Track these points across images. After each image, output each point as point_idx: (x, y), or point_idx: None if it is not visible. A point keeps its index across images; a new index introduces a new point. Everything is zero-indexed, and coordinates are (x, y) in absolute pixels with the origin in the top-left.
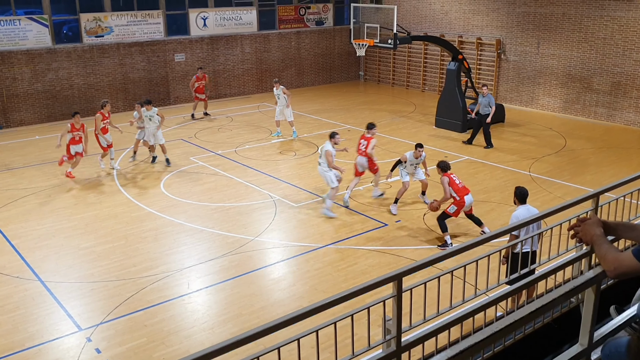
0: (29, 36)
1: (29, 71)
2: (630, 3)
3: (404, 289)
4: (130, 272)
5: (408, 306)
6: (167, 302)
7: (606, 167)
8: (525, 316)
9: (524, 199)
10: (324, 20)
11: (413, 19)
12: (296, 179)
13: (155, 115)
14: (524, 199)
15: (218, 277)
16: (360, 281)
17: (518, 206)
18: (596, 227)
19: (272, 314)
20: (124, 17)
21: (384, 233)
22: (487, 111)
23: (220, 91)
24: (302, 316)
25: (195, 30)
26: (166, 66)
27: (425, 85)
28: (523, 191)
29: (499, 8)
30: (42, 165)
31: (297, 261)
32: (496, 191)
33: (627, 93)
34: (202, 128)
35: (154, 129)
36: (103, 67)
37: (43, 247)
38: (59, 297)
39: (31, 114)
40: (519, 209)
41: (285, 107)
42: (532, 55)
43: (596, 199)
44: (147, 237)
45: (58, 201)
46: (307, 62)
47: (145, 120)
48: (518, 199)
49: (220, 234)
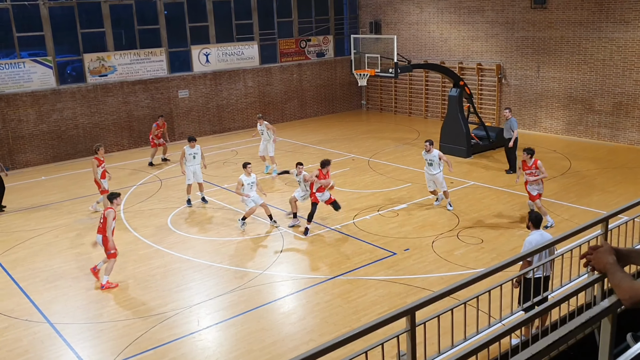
0: (34, 78)
1: (34, 112)
2: (628, 24)
3: (418, 323)
4: (139, 310)
5: (421, 336)
6: (177, 340)
7: (613, 188)
8: (542, 350)
9: (539, 224)
10: (325, 51)
11: (413, 47)
12: (302, 211)
13: (200, 152)
14: (539, 224)
15: (228, 313)
16: (371, 312)
17: (532, 231)
18: (608, 254)
19: (283, 348)
20: (127, 55)
21: (393, 262)
22: (509, 135)
23: (225, 125)
24: (315, 356)
25: (198, 66)
26: (170, 103)
27: (428, 112)
28: (538, 216)
29: (498, 34)
30: (49, 205)
31: (307, 294)
32: (504, 216)
33: (629, 113)
34: (207, 163)
35: (197, 167)
36: (107, 105)
37: (51, 288)
38: (68, 339)
39: (37, 155)
40: (532, 234)
41: (270, 142)
42: (532, 78)
43: (605, 223)
44: (156, 275)
45: (65, 242)
46: (309, 94)
47: (189, 159)
48: (533, 223)
49: (229, 269)
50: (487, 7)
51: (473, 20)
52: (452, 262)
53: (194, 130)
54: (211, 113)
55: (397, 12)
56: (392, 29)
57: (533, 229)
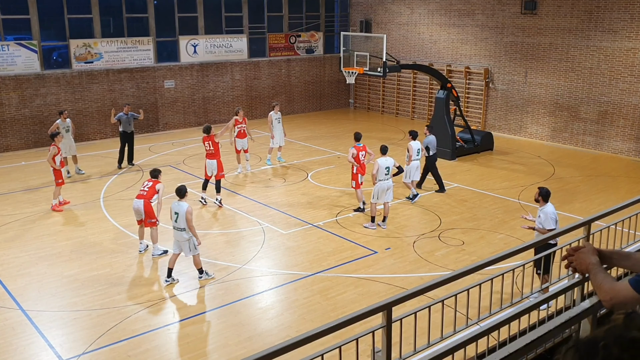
0: (18, 62)
1: (17, 96)
2: (616, 34)
3: (394, 319)
4: (115, 300)
5: (398, 336)
6: (151, 331)
7: (594, 195)
8: (520, 349)
9: (548, 198)
10: (314, 48)
11: (402, 47)
12: (285, 206)
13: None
14: (548, 198)
15: (204, 306)
16: (350, 310)
17: (545, 204)
18: (591, 255)
19: (259, 344)
20: (114, 43)
21: (374, 261)
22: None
23: (210, 117)
24: (289, 348)
25: (186, 57)
26: (155, 92)
27: (415, 113)
28: (549, 191)
29: (487, 38)
30: (28, 191)
31: (286, 290)
32: (485, 219)
33: (614, 122)
34: (191, 154)
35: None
36: (92, 93)
37: (25, 275)
38: (40, 326)
39: (18, 140)
40: (549, 205)
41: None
42: (520, 84)
43: (588, 227)
44: (133, 265)
45: (42, 228)
46: (297, 90)
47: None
48: (543, 197)
49: (208, 262)
50: (478, 10)
51: (463, 24)
52: (433, 263)
53: (179, 121)
54: (197, 105)
55: (387, 12)
56: (382, 28)
57: (543, 203)
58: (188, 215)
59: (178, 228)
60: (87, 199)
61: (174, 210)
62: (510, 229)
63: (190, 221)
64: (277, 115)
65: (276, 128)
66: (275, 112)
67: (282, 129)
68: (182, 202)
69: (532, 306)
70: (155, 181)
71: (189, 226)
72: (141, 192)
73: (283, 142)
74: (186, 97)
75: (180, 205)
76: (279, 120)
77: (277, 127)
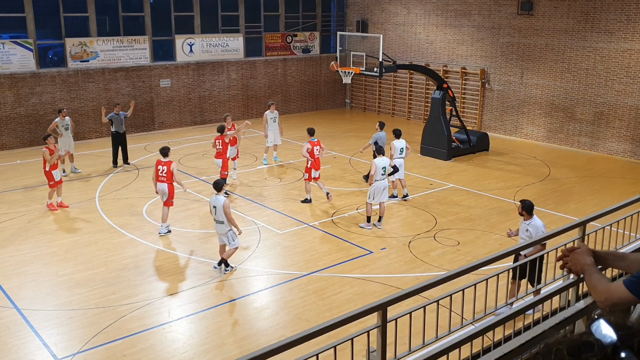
0: (13, 60)
1: (12, 95)
2: (612, 35)
3: (389, 319)
4: (110, 299)
5: (393, 336)
6: (147, 330)
7: (590, 196)
8: (514, 349)
9: (532, 211)
10: (311, 48)
11: (399, 48)
12: (281, 206)
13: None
14: (532, 211)
15: (200, 306)
16: (345, 310)
17: (531, 218)
18: (586, 256)
19: (254, 343)
20: (109, 42)
21: (370, 261)
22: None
23: (206, 117)
24: (284, 347)
25: (182, 56)
26: (151, 91)
27: (411, 114)
28: (532, 204)
29: (484, 38)
30: (23, 190)
31: (281, 289)
32: (481, 219)
33: (609, 123)
34: (186, 154)
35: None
36: (88, 92)
37: (20, 273)
38: (35, 325)
39: (13, 138)
40: (535, 219)
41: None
42: (516, 84)
43: (583, 228)
44: (128, 264)
45: (38, 227)
46: (293, 89)
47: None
48: (527, 211)
49: (203, 261)
50: (474, 11)
51: (459, 24)
52: (428, 263)
53: (175, 121)
54: (192, 104)
55: (384, 12)
56: (378, 28)
57: (528, 216)
58: (226, 209)
59: (218, 221)
60: (82, 198)
61: (212, 204)
62: (506, 229)
63: (228, 214)
64: (272, 114)
65: (271, 127)
66: (270, 112)
67: (277, 127)
68: (219, 195)
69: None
70: (168, 163)
71: (228, 218)
72: (161, 177)
73: (279, 140)
74: (182, 96)
75: (218, 199)
76: (275, 119)
77: (273, 126)
